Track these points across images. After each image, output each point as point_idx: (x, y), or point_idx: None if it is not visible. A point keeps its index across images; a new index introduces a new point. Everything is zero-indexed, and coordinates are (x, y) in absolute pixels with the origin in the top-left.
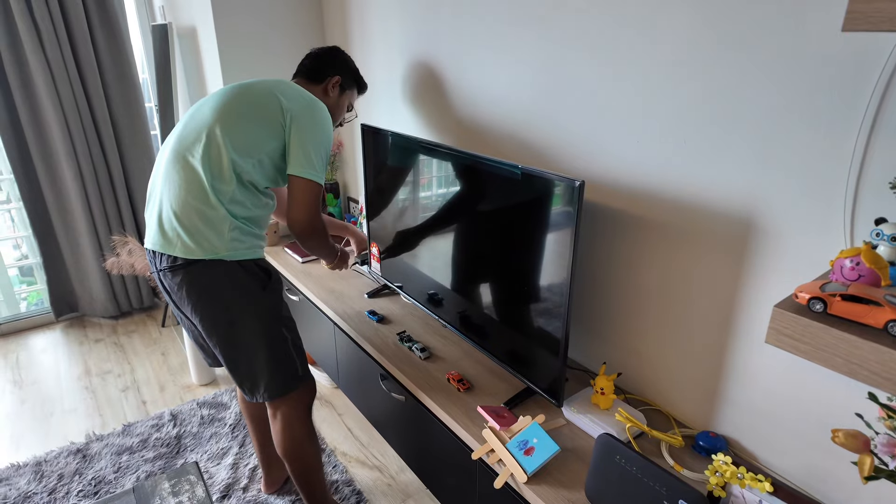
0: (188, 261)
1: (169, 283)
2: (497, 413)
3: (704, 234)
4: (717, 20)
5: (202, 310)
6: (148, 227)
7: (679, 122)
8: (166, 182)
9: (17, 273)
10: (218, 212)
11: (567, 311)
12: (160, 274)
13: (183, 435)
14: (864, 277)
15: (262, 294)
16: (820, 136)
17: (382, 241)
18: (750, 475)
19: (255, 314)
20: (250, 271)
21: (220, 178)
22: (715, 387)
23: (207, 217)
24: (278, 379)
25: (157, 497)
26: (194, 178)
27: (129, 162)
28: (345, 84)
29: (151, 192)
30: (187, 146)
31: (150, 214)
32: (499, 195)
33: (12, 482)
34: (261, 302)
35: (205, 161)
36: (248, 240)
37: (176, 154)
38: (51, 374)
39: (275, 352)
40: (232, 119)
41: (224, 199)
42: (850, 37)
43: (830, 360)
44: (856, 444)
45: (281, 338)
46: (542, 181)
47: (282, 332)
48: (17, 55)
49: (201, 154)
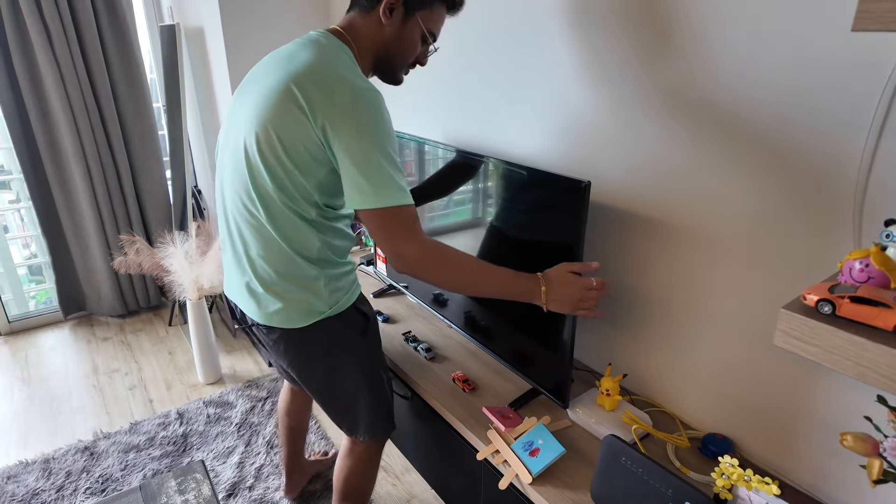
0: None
1: (263, 337)
2: (502, 414)
3: (711, 236)
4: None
5: (300, 364)
6: (228, 274)
7: (683, 123)
8: (239, 236)
9: (27, 272)
10: (309, 272)
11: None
12: (253, 327)
13: (189, 433)
14: (874, 279)
15: (362, 340)
16: (828, 136)
17: None
18: (757, 477)
19: (355, 362)
20: (350, 320)
21: (296, 236)
22: (721, 388)
23: (300, 281)
24: (379, 421)
25: (164, 495)
26: (271, 242)
27: (138, 162)
28: (410, 3)
29: (224, 240)
30: (244, 202)
31: (228, 263)
32: (505, 195)
33: (20, 479)
34: (360, 348)
35: (270, 220)
36: (345, 282)
37: (236, 208)
38: (59, 372)
39: (374, 396)
40: (269, 161)
41: (311, 257)
42: (860, 36)
43: (839, 362)
44: (864, 448)
45: (379, 380)
46: (548, 181)
47: (380, 375)
48: (27, 56)
49: (264, 214)
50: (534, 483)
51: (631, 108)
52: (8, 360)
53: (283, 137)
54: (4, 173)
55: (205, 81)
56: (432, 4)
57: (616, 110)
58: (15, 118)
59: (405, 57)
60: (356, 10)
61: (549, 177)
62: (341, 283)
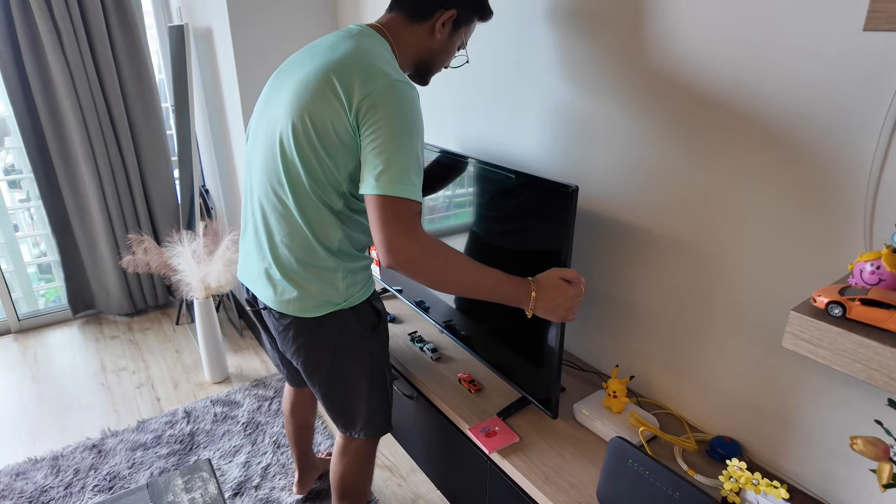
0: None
1: (273, 323)
2: (487, 432)
3: (719, 237)
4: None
5: (307, 353)
6: (246, 259)
7: (689, 126)
8: (263, 222)
9: (36, 270)
10: (328, 263)
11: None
12: (264, 311)
13: (196, 432)
14: (885, 282)
15: (371, 337)
16: (838, 137)
17: None
18: (765, 481)
19: (362, 357)
20: (363, 315)
21: (321, 226)
22: (730, 391)
23: (318, 271)
24: (377, 421)
25: (171, 493)
26: (295, 229)
27: (146, 161)
28: (461, 19)
29: (246, 225)
30: (274, 188)
31: (247, 247)
32: (493, 199)
33: (29, 476)
34: (369, 345)
35: (298, 208)
36: (361, 276)
37: (264, 193)
38: (67, 370)
39: (376, 395)
40: (304, 149)
41: (332, 248)
42: (871, 36)
43: (849, 365)
44: (875, 452)
45: (383, 379)
46: (537, 186)
47: (384, 374)
48: (37, 57)
49: (293, 201)
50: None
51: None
52: (18, 357)
53: (318, 125)
54: (15, 172)
55: (213, 82)
56: (472, 19)
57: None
58: (25, 118)
59: (444, 62)
60: (402, 15)
61: (537, 181)
62: (358, 277)
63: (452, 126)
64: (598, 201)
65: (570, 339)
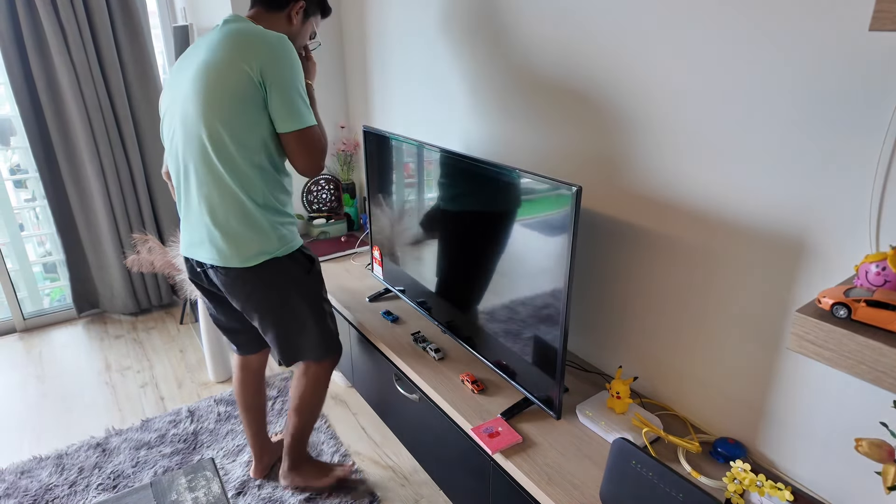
0: (244, 267)
1: (222, 280)
2: (491, 432)
3: (724, 238)
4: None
5: (258, 298)
6: (187, 232)
7: (704, 130)
8: (197, 189)
9: (41, 269)
10: (257, 216)
11: (564, 320)
12: (211, 271)
13: (200, 431)
14: (890, 283)
15: (308, 278)
16: (843, 137)
17: (383, 245)
18: (769, 483)
19: (303, 296)
20: (297, 261)
21: (246, 182)
22: (734, 392)
23: (250, 224)
24: (326, 344)
25: (174, 492)
26: (226, 189)
27: (151, 161)
28: (309, 9)
29: (182, 200)
30: (199, 156)
31: (187, 221)
32: (496, 199)
33: (34, 474)
34: (307, 285)
35: (226, 168)
36: (290, 230)
37: (193, 163)
38: (72, 369)
39: (320, 326)
40: (222, 114)
41: (259, 201)
42: (877, 36)
43: (854, 367)
44: (880, 454)
45: (322, 311)
46: (540, 187)
47: (324, 308)
48: (43, 57)
49: (219, 163)
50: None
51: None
52: (23, 356)
53: (232, 94)
54: (20, 172)
55: None
56: (317, 12)
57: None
58: (31, 118)
59: (300, 45)
60: (261, 8)
61: (540, 181)
62: (286, 230)
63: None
64: (602, 204)
65: (574, 339)
